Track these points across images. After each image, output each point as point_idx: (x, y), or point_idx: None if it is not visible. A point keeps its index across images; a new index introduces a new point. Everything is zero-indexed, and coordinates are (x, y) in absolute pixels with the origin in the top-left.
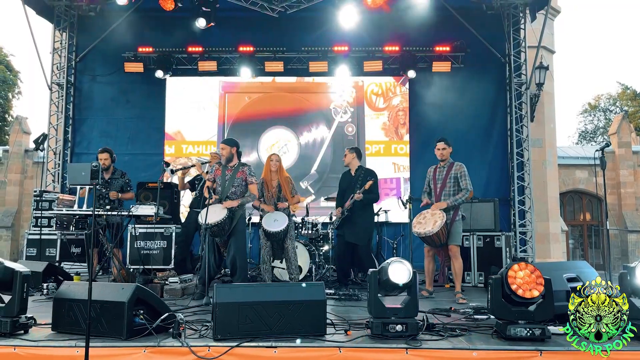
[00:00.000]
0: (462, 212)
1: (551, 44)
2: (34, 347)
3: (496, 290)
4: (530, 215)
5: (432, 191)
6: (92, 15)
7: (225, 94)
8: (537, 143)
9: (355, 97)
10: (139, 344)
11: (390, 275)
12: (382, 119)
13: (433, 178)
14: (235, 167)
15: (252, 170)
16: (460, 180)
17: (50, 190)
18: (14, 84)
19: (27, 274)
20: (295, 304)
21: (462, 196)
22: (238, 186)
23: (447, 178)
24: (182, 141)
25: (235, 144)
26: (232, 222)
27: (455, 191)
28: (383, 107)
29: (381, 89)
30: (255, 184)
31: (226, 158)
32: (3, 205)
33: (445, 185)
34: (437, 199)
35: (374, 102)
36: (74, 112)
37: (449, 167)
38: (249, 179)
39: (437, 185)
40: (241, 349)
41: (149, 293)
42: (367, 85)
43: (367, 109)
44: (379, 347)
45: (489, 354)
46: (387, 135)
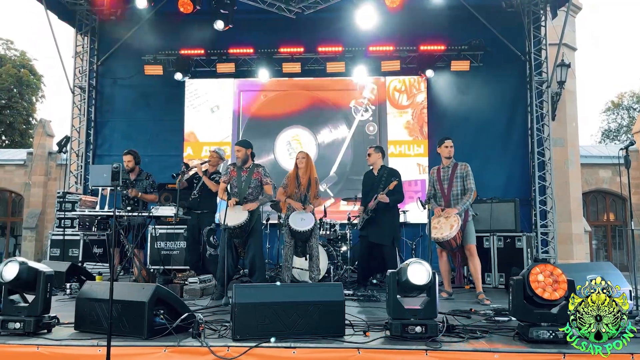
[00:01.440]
0: (472, 212)
1: (572, 41)
2: (56, 346)
3: (518, 292)
4: (552, 216)
5: (439, 193)
6: (112, 19)
7: (240, 92)
8: (559, 142)
9: (377, 94)
10: (160, 343)
11: (409, 276)
12: (406, 117)
13: (438, 179)
14: (250, 169)
15: (267, 171)
16: (466, 180)
17: (73, 192)
18: (37, 88)
19: (50, 274)
20: (314, 304)
21: (469, 198)
22: (255, 187)
23: (454, 178)
24: (202, 142)
25: (250, 145)
26: (251, 222)
27: (462, 191)
28: (406, 105)
29: (404, 85)
30: (270, 184)
31: (242, 160)
32: (28, 206)
33: (453, 186)
34: (447, 199)
35: (397, 100)
36: (96, 114)
37: (453, 167)
38: (264, 180)
39: (443, 186)
40: (260, 349)
41: (169, 293)
42: (389, 82)
43: (390, 106)
44: (398, 349)
45: (510, 357)
46: (411, 134)
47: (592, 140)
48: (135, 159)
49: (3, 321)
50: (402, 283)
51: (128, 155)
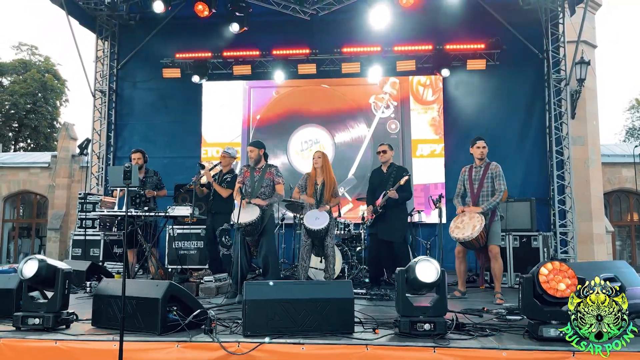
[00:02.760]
0: (500, 212)
1: (592, 38)
2: (74, 340)
3: (527, 290)
4: (571, 215)
5: (468, 192)
6: (132, 24)
7: (251, 89)
8: (579, 141)
9: (400, 89)
10: (173, 339)
11: (417, 273)
12: (431, 114)
13: (469, 179)
14: (263, 169)
15: (279, 170)
16: (496, 180)
17: (94, 193)
18: (61, 92)
19: (69, 272)
20: (324, 301)
21: (497, 198)
22: (267, 187)
23: (485, 178)
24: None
25: (262, 146)
26: (262, 221)
27: (492, 192)
28: (432, 100)
29: (429, 79)
30: (282, 184)
31: (254, 160)
32: (52, 208)
33: (483, 186)
34: (475, 199)
35: (422, 95)
36: (116, 117)
37: (485, 167)
38: (276, 179)
39: (474, 186)
40: (270, 345)
41: (182, 290)
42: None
43: (413, 102)
44: (407, 346)
45: (519, 354)
46: (437, 132)
47: (616, 139)
48: (144, 157)
49: (23, 317)
50: (411, 281)
51: (138, 152)
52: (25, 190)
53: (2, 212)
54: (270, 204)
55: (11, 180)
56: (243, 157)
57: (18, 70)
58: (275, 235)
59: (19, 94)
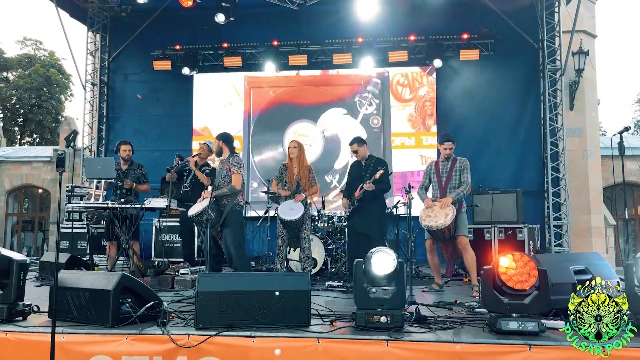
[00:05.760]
0: (468, 204)
1: (592, 28)
2: (24, 332)
3: (487, 282)
4: (565, 208)
5: (436, 184)
6: (123, 16)
7: (251, 88)
8: (577, 132)
9: (381, 88)
10: (123, 331)
11: (373, 265)
12: (409, 110)
13: (437, 172)
14: (225, 160)
15: (236, 160)
16: (463, 173)
17: (81, 186)
18: (65, 87)
19: (23, 262)
20: (279, 293)
21: (464, 189)
22: (225, 177)
23: (453, 171)
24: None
25: (222, 137)
26: (220, 214)
27: (459, 184)
28: (409, 98)
29: (407, 80)
30: (237, 174)
31: (215, 152)
32: (54, 202)
33: (451, 179)
34: (443, 192)
35: (400, 93)
36: (108, 110)
37: (453, 162)
38: (231, 169)
39: (441, 179)
40: (220, 337)
41: (137, 282)
42: (392, 76)
43: (393, 100)
44: (359, 339)
45: (473, 348)
46: (414, 126)
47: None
48: (132, 149)
49: None
50: (368, 272)
51: (128, 144)
52: (28, 184)
53: (5, 205)
54: (219, 196)
55: (14, 174)
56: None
57: (23, 65)
58: (242, 228)
59: (24, 88)
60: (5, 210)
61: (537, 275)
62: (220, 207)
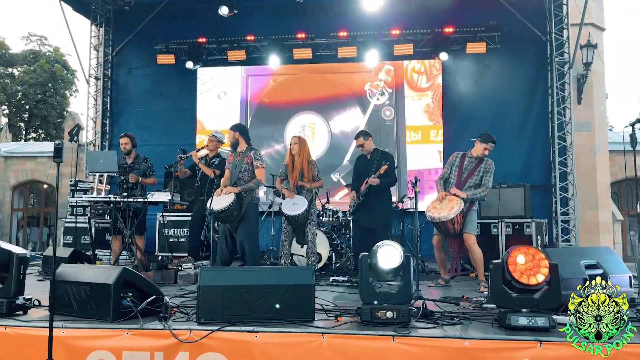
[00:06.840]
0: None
1: (600, 20)
2: (24, 327)
3: (496, 276)
4: (573, 203)
5: (454, 179)
6: (126, 9)
7: (248, 77)
8: (586, 127)
9: (394, 76)
10: (124, 326)
11: (379, 259)
12: (425, 101)
13: (460, 165)
14: (243, 152)
15: (259, 154)
16: (485, 175)
17: (84, 180)
18: (70, 82)
19: (23, 256)
20: (282, 288)
21: (482, 192)
22: (245, 171)
23: (476, 170)
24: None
25: (238, 128)
26: (240, 208)
27: (477, 185)
28: (426, 87)
29: (424, 66)
30: (261, 168)
31: (232, 144)
32: (61, 197)
33: (472, 177)
34: (460, 187)
35: (416, 82)
36: (111, 104)
37: (480, 160)
38: (255, 163)
39: (462, 173)
40: (222, 332)
41: (138, 276)
42: (406, 63)
43: (408, 89)
44: (365, 334)
45: (482, 344)
46: (431, 118)
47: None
48: (132, 141)
49: None
50: (373, 266)
51: (125, 137)
52: (33, 180)
53: (11, 201)
54: (245, 190)
55: (20, 169)
56: None
57: (28, 61)
58: (257, 222)
59: (29, 84)
60: (10, 205)
61: (548, 269)
62: (240, 201)
